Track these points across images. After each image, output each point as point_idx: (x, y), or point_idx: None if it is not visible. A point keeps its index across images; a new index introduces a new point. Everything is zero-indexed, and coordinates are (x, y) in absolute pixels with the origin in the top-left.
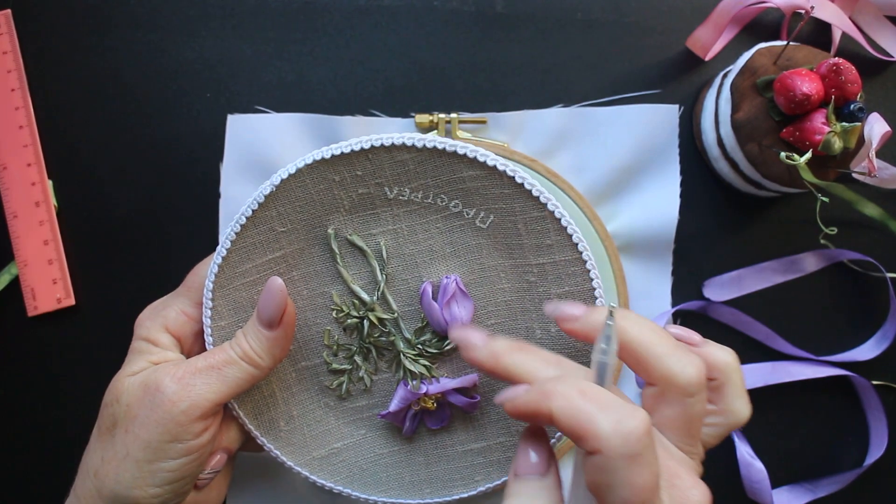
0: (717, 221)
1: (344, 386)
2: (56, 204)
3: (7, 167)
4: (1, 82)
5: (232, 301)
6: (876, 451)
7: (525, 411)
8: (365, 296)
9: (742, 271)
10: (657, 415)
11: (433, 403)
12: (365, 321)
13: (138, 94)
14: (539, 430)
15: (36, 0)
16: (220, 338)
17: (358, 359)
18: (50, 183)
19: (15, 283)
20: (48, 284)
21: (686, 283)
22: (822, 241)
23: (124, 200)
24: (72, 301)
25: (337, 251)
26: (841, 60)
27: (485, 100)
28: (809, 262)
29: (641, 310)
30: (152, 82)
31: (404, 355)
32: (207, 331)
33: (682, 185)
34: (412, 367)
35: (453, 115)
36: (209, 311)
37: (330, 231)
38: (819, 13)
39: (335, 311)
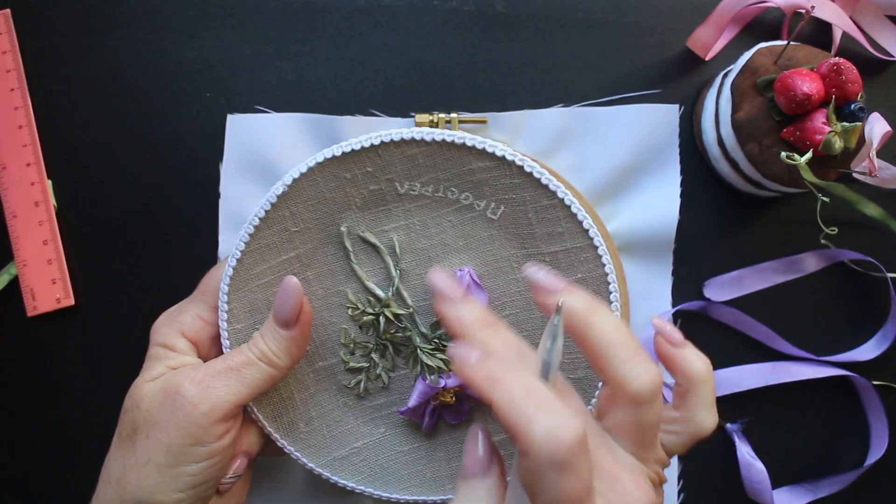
0: (718, 221)
1: (362, 384)
2: (55, 204)
3: (6, 167)
4: (0, 82)
5: (247, 303)
6: (877, 451)
7: (470, 383)
8: (380, 292)
9: (742, 271)
10: (608, 418)
11: (452, 398)
12: (381, 318)
13: (138, 94)
14: (482, 427)
15: (36, 0)
16: (237, 341)
17: (375, 356)
18: (49, 183)
19: (14, 283)
20: (47, 284)
21: (686, 283)
22: (823, 241)
23: (124, 200)
24: (71, 301)
25: (350, 249)
26: (841, 60)
27: (485, 100)
28: (810, 262)
29: (641, 310)
30: (152, 82)
31: (421, 350)
32: (224, 334)
33: (682, 184)
34: (429, 362)
35: (453, 115)
36: (225, 315)
37: (343, 229)
38: (820, 13)
39: (350, 309)
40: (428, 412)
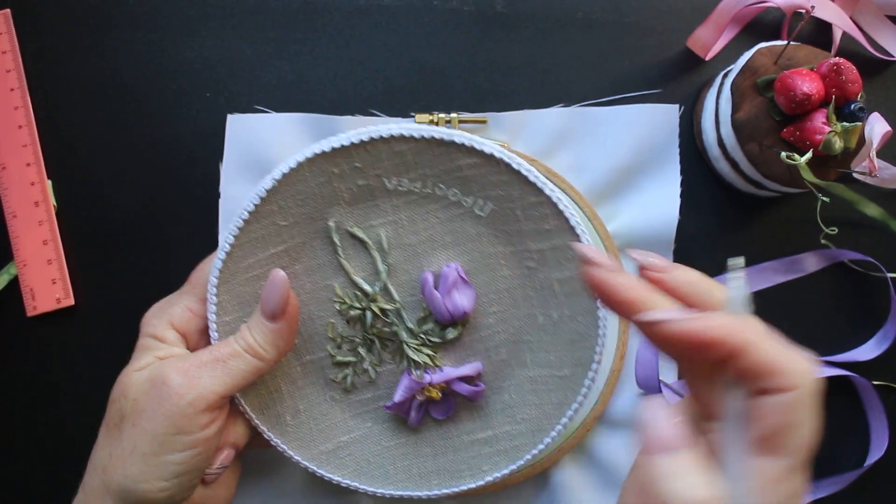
0: (718, 221)
1: (349, 379)
2: (55, 204)
3: (6, 167)
4: (0, 82)
5: (236, 296)
6: (877, 451)
7: (706, 338)
8: (367, 287)
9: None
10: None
11: (438, 393)
12: (367, 312)
13: (138, 94)
14: (663, 401)
15: (36, 0)
16: (225, 333)
17: (362, 351)
18: (49, 183)
19: (14, 283)
20: (47, 284)
21: None
22: (823, 241)
23: (124, 200)
24: (71, 301)
25: (338, 243)
26: (841, 60)
27: (485, 100)
28: (810, 263)
29: None
30: (152, 82)
31: (407, 345)
32: (212, 326)
33: (682, 184)
34: (415, 357)
35: (453, 115)
36: (213, 307)
37: (331, 224)
38: (820, 13)
39: (338, 304)
40: (414, 407)
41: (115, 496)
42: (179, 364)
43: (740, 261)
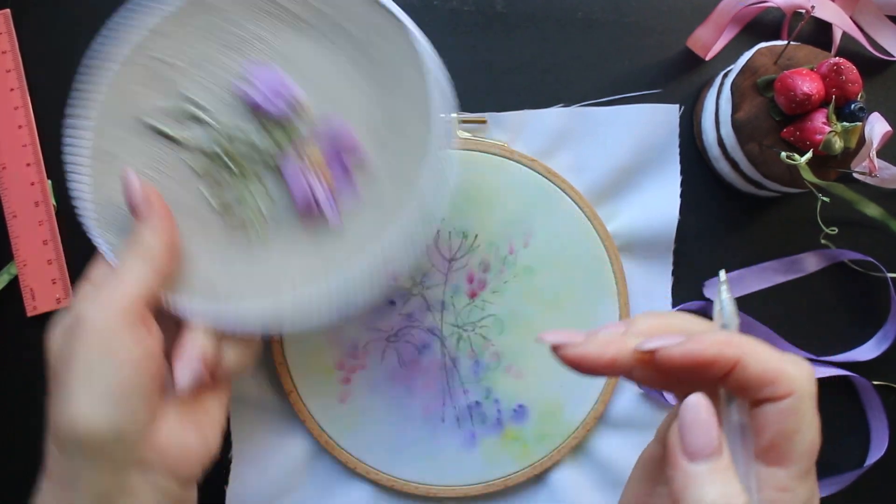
0: (718, 221)
1: (258, 233)
2: (55, 204)
3: (6, 167)
4: (0, 82)
5: (117, 227)
6: (876, 451)
7: (704, 356)
8: (204, 138)
9: (743, 271)
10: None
11: (328, 176)
12: (221, 155)
13: None
14: (704, 396)
15: (36, 0)
16: None
17: (246, 193)
18: (49, 183)
19: (14, 283)
20: (47, 284)
21: (686, 283)
22: (823, 241)
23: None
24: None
25: (161, 126)
26: (841, 60)
27: (485, 100)
28: (810, 262)
29: (641, 310)
30: None
31: (271, 145)
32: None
33: (682, 184)
34: (271, 139)
35: (453, 115)
36: (105, 247)
37: (142, 112)
38: (820, 13)
39: (199, 172)
40: (323, 203)
41: (66, 450)
42: (87, 297)
43: (723, 274)
